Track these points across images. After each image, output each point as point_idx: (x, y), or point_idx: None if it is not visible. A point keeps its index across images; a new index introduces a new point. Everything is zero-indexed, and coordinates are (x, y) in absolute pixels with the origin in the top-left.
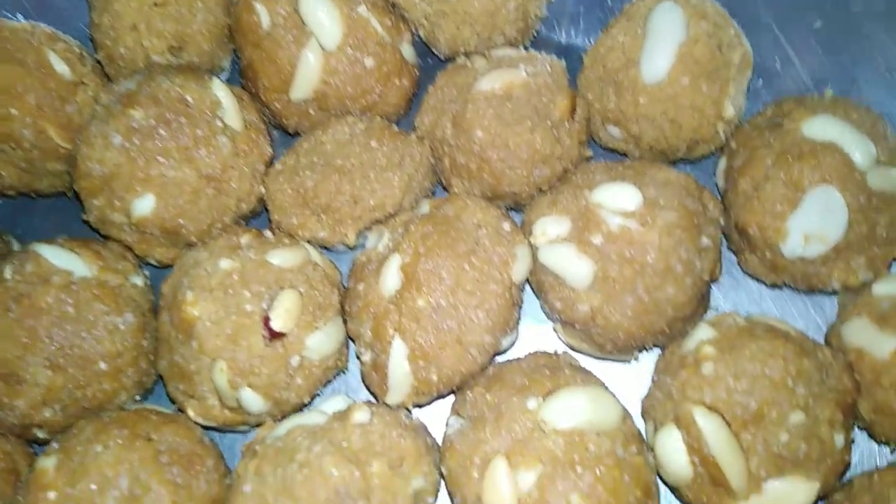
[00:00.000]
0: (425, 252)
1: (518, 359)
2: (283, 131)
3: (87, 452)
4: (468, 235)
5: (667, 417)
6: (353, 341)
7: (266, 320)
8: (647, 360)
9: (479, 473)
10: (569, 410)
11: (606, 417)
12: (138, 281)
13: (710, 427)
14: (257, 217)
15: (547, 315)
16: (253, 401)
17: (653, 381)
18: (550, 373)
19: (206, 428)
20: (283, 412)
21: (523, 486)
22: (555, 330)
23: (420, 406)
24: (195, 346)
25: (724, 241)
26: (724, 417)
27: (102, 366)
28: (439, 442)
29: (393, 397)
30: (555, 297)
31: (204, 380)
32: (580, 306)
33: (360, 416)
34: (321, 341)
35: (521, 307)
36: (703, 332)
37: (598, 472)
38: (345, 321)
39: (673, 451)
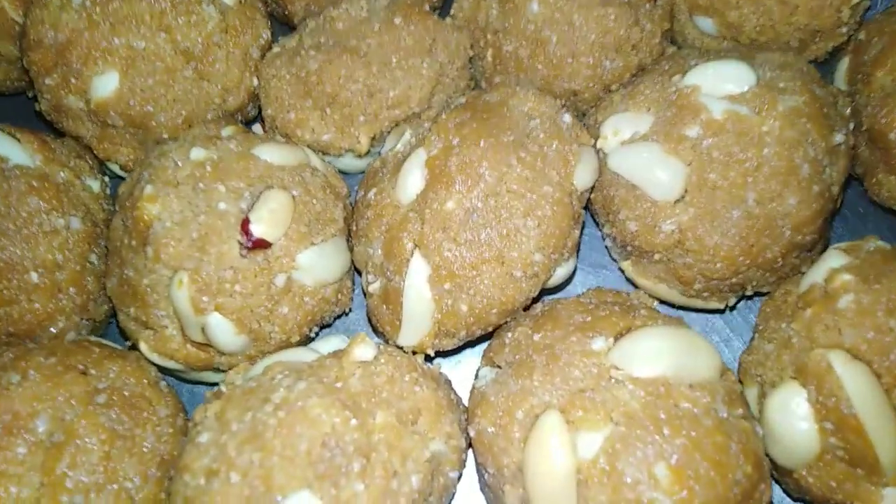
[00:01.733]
0: (460, 142)
1: (576, 296)
2: (287, 26)
3: None
4: (516, 125)
5: (784, 373)
6: (360, 273)
7: (245, 223)
8: (744, 312)
9: (522, 434)
10: (650, 353)
11: (702, 366)
12: (94, 185)
13: (853, 378)
14: (249, 122)
15: (610, 250)
16: (223, 331)
17: (755, 333)
18: (621, 311)
19: (164, 371)
20: (262, 353)
21: (585, 451)
22: (622, 269)
23: (443, 354)
24: (150, 254)
25: None
26: (871, 367)
27: (34, 277)
28: (467, 403)
29: (407, 336)
30: (629, 217)
31: (161, 300)
32: (665, 225)
33: (363, 351)
34: (316, 261)
35: (581, 228)
36: (834, 260)
37: (693, 434)
38: (351, 248)
39: (794, 415)
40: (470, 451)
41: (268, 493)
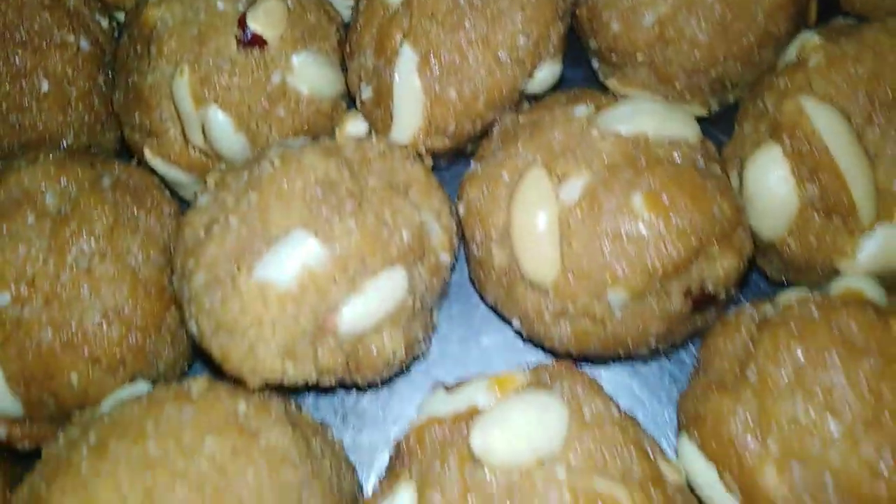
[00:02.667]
0: None
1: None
2: None
3: (10, 166)
4: None
5: (761, 139)
6: (354, 97)
7: (242, 19)
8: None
9: (508, 192)
10: (632, 113)
11: (682, 126)
12: (103, 22)
13: (824, 117)
14: None
15: (597, 73)
16: (222, 127)
17: (735, 126)
18: (606, 94)
19: None
20: None
21: (567, 196)
22: (603, 80)
23: (436, 158)
24: (153, 52)
25: None
26: (841, 110)
27: (45, 85)
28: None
29: (400, 130)
30: (612, 17)
31: (163, 101)
32: (645, 18)
33: (356, 126)
34: (311, 66)
35: (567, 24)
36: (805, 36)
37: (670, 171)
38: (345, 71)
39: (772, 172)
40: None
41: (265, 232)
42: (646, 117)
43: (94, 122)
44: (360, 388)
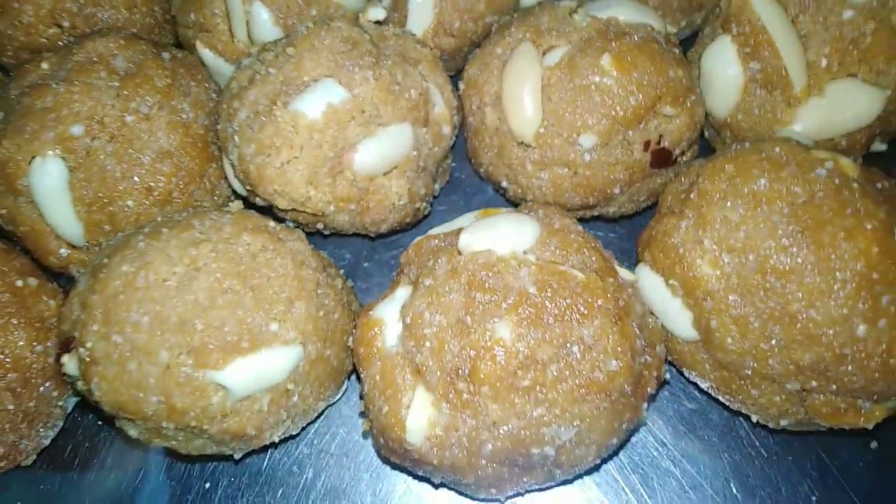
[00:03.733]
0: None
1: None
2: None
3: (86, 36)
4: None
5: (715, 34)
6: None
7: None
8: None
9: (501, 64)
10: (608, 4)
11: (649, 17)
12: None
13: (764, 6)
14: None
15: None
16: (263, 21)
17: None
18: None
19: None
20: None
21: (549, 61)
22: None
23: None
24: None
25: None
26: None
27: None
28: None
29: (413, 26)
30: None
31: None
32: None
33: (376, 12)
34: None
35: None
36: None
37: (633, 40)
38: None
39: (722, 57)
40: None
41: (298, 78)
42: (620, 7)
43: (153, 24)
44: (371, 238)
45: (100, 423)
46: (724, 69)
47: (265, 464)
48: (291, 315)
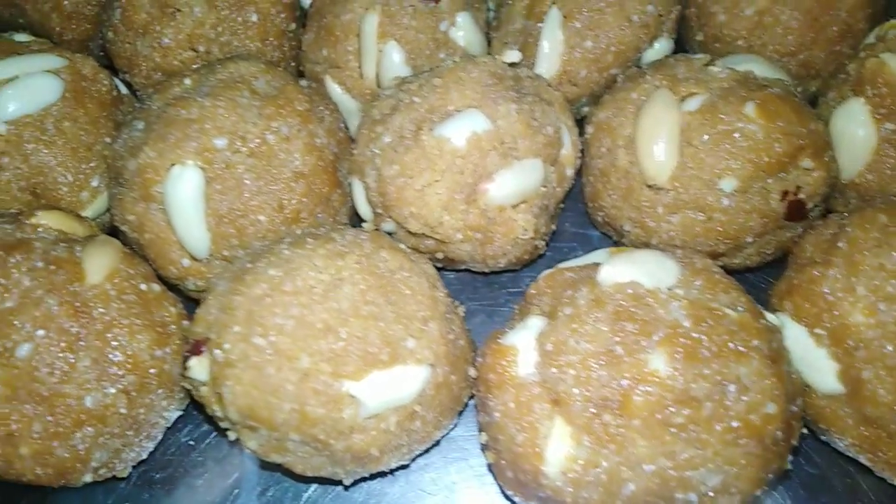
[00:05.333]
0: None
1: None
2: None
3: (229, 58)
4: None
5: (844, 96)
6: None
7: None
8: None
9: (636, 108)
10: (742, 59)
11: (782, 73)
12: None
13: None
14: None
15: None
16: (396, 59)
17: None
18: None
19: None
20: None
21: (689, 107)
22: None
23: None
24: None
25: None
26: None
27: (254, 17)
28: None
29: (541, 70)
30: (718, 10)
31: (350, 37)
32: (747, 8)
33: (512, 55)
34: (469, 25)
35: (680, 13)
36: (884, 24)
37: (775, 92)
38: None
39: (854, 119)
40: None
41: (443, 107)
42: (755, 63)
43: (280, 58)
44: (483, 274)
45: (191, 442)
46: (855, 130)
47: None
48: (426, 334)
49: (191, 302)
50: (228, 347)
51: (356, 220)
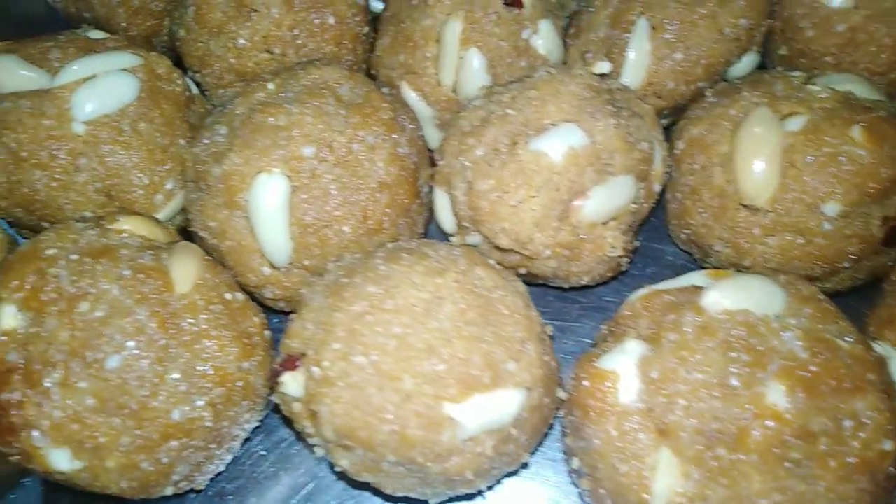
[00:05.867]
0: None
1: None
2: None
3: (310, 63)
4: None
5: None
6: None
7: None
8: None
9: (733, 125)
10: (842, 79)
11: (881, 94)
12: None
13: None
14: None
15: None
16: (477, 66)
17: None
18: None
19: None
20: None
21: (791, 127)
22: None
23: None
24: (431, 3)
25: None
26: None
27: (331, 20)
28: None
29: (627, 79)
30: (807, 26)
31: (429, 43)
32: (839, 24)
33: (602, 66)
34: (550, 32)
35: (768, 28)
36: None
37: (880, 115)
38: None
39: None
40: None
41: (539, 120)
42: (856, 83)
43: (353, 62)
44: (556, 287)
45: (263, 452)
46: None
47: None
48: (525, 356)
49: (267, 311)
50: (327, 365)
51: (431, 232)
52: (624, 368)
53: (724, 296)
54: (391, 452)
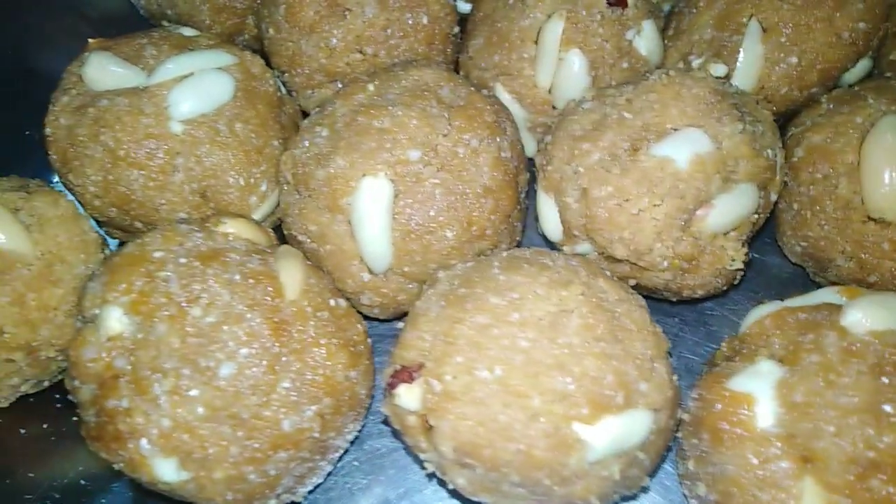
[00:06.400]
0: None
1: None
2: None
3: (409, 64)
4: None
5: None
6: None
7: None
8: None
9: (860, 135)
10: None
11: None
12: None
13: None
14: None
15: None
16: (579, 67)
17: None
18: None
19: None
20: None
21: None
22: None
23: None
24: (530, 3)
25: None
26: None
27: (424, 20)
28: None
29: (740, 80)
30: None
31: (527, 43)
32: None
33: (718, 68)
34: (653, 33)
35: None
36: None
37: None
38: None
39: None
40: None
41: (660, 124)
42: None
43: (443, 62)
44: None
45: (356, 462)
46: None
47: None
48: (655, 376)
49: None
50: (450, 379)
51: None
52: (760, 391)
53: (867, 315)
54: (515, 473)
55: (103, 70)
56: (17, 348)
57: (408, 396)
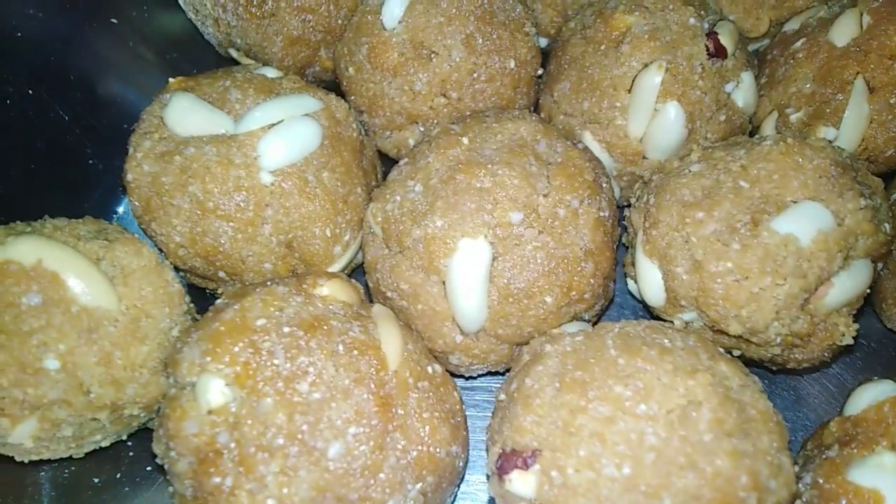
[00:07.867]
0: None
1: None
2: None
3: (503, 115)
4: None
5: None
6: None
7: (713, 33)
8: None
9: None
10: None
11: None
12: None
13: None
14: None
15: None
16: (676, 120)
17: None
18: None
19: None
20: None
21: None
22: None
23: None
24: (625, 50)
25: None
26: None
27: (511, 64)
28: None
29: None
30: None
31: (620, 92)
32: None
33: (827, 131)
34: (751, 85)
35: None
36: None
37: None
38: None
39: None
40: None
41: (779, 196)
42: None
43: (525, 106)
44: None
45: None
46: None
47: None
48: (783, 471)
49: None
50: (572, 473)
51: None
52: (886, 486)
53: None
54: None
55: (188, 114)
56: (102, 408)
57: (522, 483)
